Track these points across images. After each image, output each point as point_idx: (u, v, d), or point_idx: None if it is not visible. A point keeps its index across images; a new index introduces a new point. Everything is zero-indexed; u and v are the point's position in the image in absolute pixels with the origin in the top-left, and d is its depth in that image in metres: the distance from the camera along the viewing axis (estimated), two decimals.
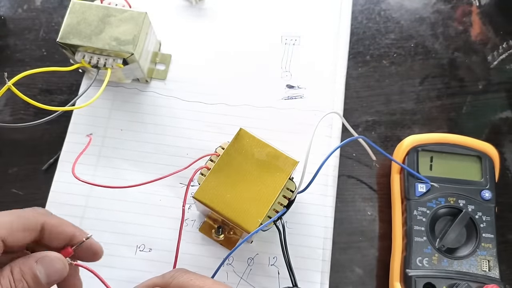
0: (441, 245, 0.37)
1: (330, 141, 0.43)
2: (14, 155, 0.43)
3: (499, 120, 0.45)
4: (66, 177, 0.41)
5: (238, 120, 0.43)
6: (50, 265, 0.27)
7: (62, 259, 0.28)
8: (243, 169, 0.35)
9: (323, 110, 0.43)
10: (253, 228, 0.33)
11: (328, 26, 0.47)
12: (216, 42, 0.46)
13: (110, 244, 0.38)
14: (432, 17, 0.49)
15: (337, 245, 0.40)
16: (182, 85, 0.44)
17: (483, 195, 0.39)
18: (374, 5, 0.50)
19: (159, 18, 0.45)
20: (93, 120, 0.43)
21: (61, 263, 0.27)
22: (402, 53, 0.48)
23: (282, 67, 0.45)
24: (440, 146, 0.41)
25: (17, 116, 0.44)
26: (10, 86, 0.33)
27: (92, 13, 0.39)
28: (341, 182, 0.42)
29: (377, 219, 0.42)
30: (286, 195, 0.36)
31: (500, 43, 0.48)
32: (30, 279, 0.26)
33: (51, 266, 0.27)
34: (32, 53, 0.47)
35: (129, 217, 0.40)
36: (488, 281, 0.36)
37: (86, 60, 0.39)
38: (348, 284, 0.40)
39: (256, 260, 0.39)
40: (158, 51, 0.45)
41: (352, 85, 0.46)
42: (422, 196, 0.39)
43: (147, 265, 0.38)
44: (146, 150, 0.42)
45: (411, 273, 0.37)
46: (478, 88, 0.46)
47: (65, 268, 0.28)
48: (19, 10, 0.48)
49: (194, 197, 0.34)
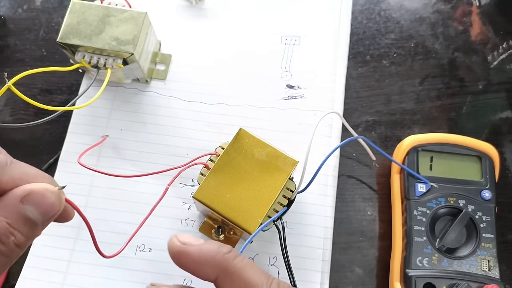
0: (441, 245, 0.37)
1: (330, 141, 0.43)
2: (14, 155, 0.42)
3: (499, 120, 0.45)
4: (66, 177, 0.41)
5: (238, 120, 0.43)
6: (41, 201, 0.21)
7: (53, 191, 0.21)
8: (243, 169, 0.35)
9: (323, 110, 0.43)
10: (253, 227, 0.33)
11: (328, 26, 0.47)
12: (216, 42, 0.46)
13: (110, 244, 0.38)
14: (432, 17, 0.49)
15: (337, 245, 0.40)
16: (182, 85, 0.44)
17: (483, 195, 0.39)
18: (374, 5, 0.50)
19: (159, 18, 0.45)
20: (93, 120, 0.43)
21: (53, 196, 0.21)
22: (402, 53, 0.48)
23: (282, 67, 0.45)
24: (440, 146, 0.41)
25: (17, 116, 0.44)
26: (10, 86, 0.33)
27: (92, 13, 0.39)
28: (341, 182, 0.42)
29: (377, 219, 0.42)
30: (286, 195, 0.36)
31: (500, 43, 0.48)
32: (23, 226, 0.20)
33: (43, 201, 0.21)
34: (32, 53, 0.47)
35: (129, 217, 0.40)
36: (488, 281, 0.36)
37: (86, 60, 0.39)
38: (348, 284, 0.40)
39: (256, 260, 0.39)
40: (158, 51, 0.45)
41: (352, 85, 0.46)
42: (422, 196, 0.39)
43: (147, 265, 0.38)
44: (146, 150, 0.42)
45: (411, 273, 0.37)
46: (478, 88, 0.46)
47: (59, 199, 0.22)
48: (19, 10, 0.48)
49: (194, 197, 0.34)
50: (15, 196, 0.20)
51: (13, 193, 0.20)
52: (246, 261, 0.25)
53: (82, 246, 0.39)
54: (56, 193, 0.22)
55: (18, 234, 0.20)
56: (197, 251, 0.24)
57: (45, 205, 0.21)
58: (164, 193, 0.35)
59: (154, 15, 0.41)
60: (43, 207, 0.21)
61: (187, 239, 0.25)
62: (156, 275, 0.38)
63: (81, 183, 0.41)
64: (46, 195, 0.21)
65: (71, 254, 0.39)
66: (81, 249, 0.39)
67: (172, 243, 0.25)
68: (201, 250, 0.24)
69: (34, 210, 0.21)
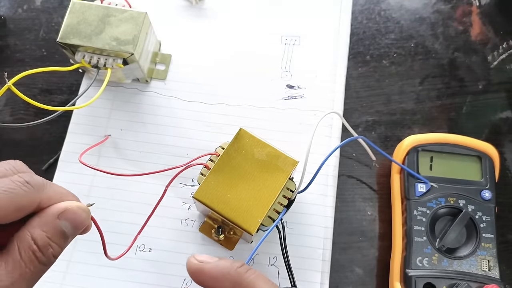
0: (441, 245, 0.37)
1: (330, 141, 0.43)
2: (14, 155, 0.42)
3: (499, 120, 0.45)
4: (66, 177, 0.41)
5: (238, 120, 0.43)
6: (75, 217, 0.24)
7: (84, 208, 0.25)
8: (243, 169, 0.35)
9: (323, 110, 0.43)
10: (253, 227, 0.33)
11: (328, 26, 0.47)
12: (216, 42, 0.46)
13: (110, 244, 0.37)
14: (432, 17, 0.49)
15: (337, 245, 0.40)
16: (182, 85, 0.44)
17: (483, 195, 0.39)
18: (374, 5, 0.50)
19: (159, 18, 0.45)
20: (93, 120, 0.43)
21: (84, 213, 0.25)
22: (402, 53, 0.48)
23: (282, 67, 0.45)
24: (440, 146, 0.41)
25: (17, 116, 0.44)
26: (10, 86, 0.33)
27: (92, 13, 0.39)
28: (341, 182, 0.42)
29: (377, 219, 0.42)
30: (286, 195, 0.36)
31: (500, 43, 0.48)
32: (59, 239, 0.23)
33: (76, 217, 0.24)
34: (32, 53, 0.47)
35: (129, 217, 0.40)
36: (488, 281, 0.36)
37: (86, 60, 0.39)
38: (348, 284, 0.40)
39: (256, 260, 0.39)
40: (158, 51, 0.45)
41: (352, 85, 0.46)
42: (422, 196, 0.39)
43: (147, 265, 0.38)
44: (146, 150, 0.42)
45: (411, 273, 0.37)
46: (478, 88, 0.46)
47: (88, 217, 0.25)
48: (19, 10, 0.48)
49: (194, 197, 0.34)
50: (53, 213, 0.23)
51: (51, 210, 0.23)
52: (257, 274, 0.27)
53: (82, 246, 0.39)
54: (86, 210, 0.25)
55: (55, 246, 0.23)
56: (213, 267, 0.27)
57: (78, 221, 0.24)
58: (163, 194, 0.35)
59: (154, 15, 0.41)
60: (76, 222, 0.24)
61: (204, 258, 0.28)
62: (156, 275, 0.38)
63: (81, 183, 0.41)
64: (78, 212, 0.24)
65: (71, 254, 0.39)
66: (81, 249, 0.39)
67: (190, 262, 0.28)
68: (217, 266, 0.27)
69: (68, 225, 0.24)
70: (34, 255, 0.22)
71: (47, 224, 0.23)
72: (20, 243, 0.22)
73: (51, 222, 0.23)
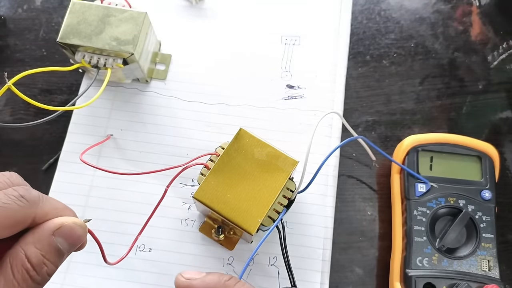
0: (441, 245, 0.37)
1: (330, 141, 0.43)
2: (14, 155, 0.43)
3: (499, 120, 0.45)
4: (66, 177, 0.41)
5: (238, 120, 0.43)
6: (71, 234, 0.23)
7: (80, 224, 0.24)
8: (243, 169, 0.35)
9: (323, 110, 0.43)
10: (253, 227, 0.33)
11: (328, 26, 0.47)
12: (216, 42, 0.46)
13: (110, 244, 0.38)
14: (432, 17, 0.49)
15: (337, 245, 0.40)
16: (182, 85, 0.44)
17: (483, 195, 0.39)
18: (374, 5, 0.50)
19: (159, 18, 0.45)
20: (93, 120, 0.43)
21: (81, 229, 0.24)
22: (402, 53, 0.48)
23: (282, 67, 0.45)
24: (440, 146, 0.41)
25: (17, 116, 0.44)
26: (10, 86, 0.33)
27: (92, 13, 0.39)
28: (341, 182, 0.42)
29: (377, 219, 0.42)
30: (286, 195, 0.36)
31: (500, 43, 0.48)
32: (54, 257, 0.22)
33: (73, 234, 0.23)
34: (32, 53, 0.47)
35: (129, 217, 0.40)
36: (488, 281, 0.36)
37: (86, 60, 0.39)
38: (348, 284, 0.40)
39: (256, 260, 0.39)
40: (158, 51, 0.45)
41: (352, 85, 0.46)
42: (422, 196, 0.39)
43: (147, 265, 0.38)
44: (146, 150, 0.42)
45: (411, 273, 0.37)
46: (478, 88, 0.46)
47: (85, 233, 0.24)
48: (19, 10, 0.48)
49: (194, 197, 0.34)
50: (48, 229, 0.22)
51: (46, 226, 0.22)
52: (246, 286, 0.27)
53: None
54: (83, 226, 0.24)
55: (50, 264, 0.22)
56: (200, 283, 0.27)
57: (74, 238, 0.23)
58: (164, 195, 0.35)
59: (154, 15, 0.41)
60: (72, 239, 0.23)
61: (191, 275, 0.28)
62: (156, 275, 0.38)
63: (81, 183, 0.41)
64: (75, 228, 0.23)
65: (71, 254, 0.38)
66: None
67: (178, 280, 0.28)
68: (204, 281, 0.27)
69: (64, 242, 0.23)
70: (28, 274, 0.21)
71: (41, 241, 0.22)
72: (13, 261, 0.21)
73: (46, 239, 0.22)
